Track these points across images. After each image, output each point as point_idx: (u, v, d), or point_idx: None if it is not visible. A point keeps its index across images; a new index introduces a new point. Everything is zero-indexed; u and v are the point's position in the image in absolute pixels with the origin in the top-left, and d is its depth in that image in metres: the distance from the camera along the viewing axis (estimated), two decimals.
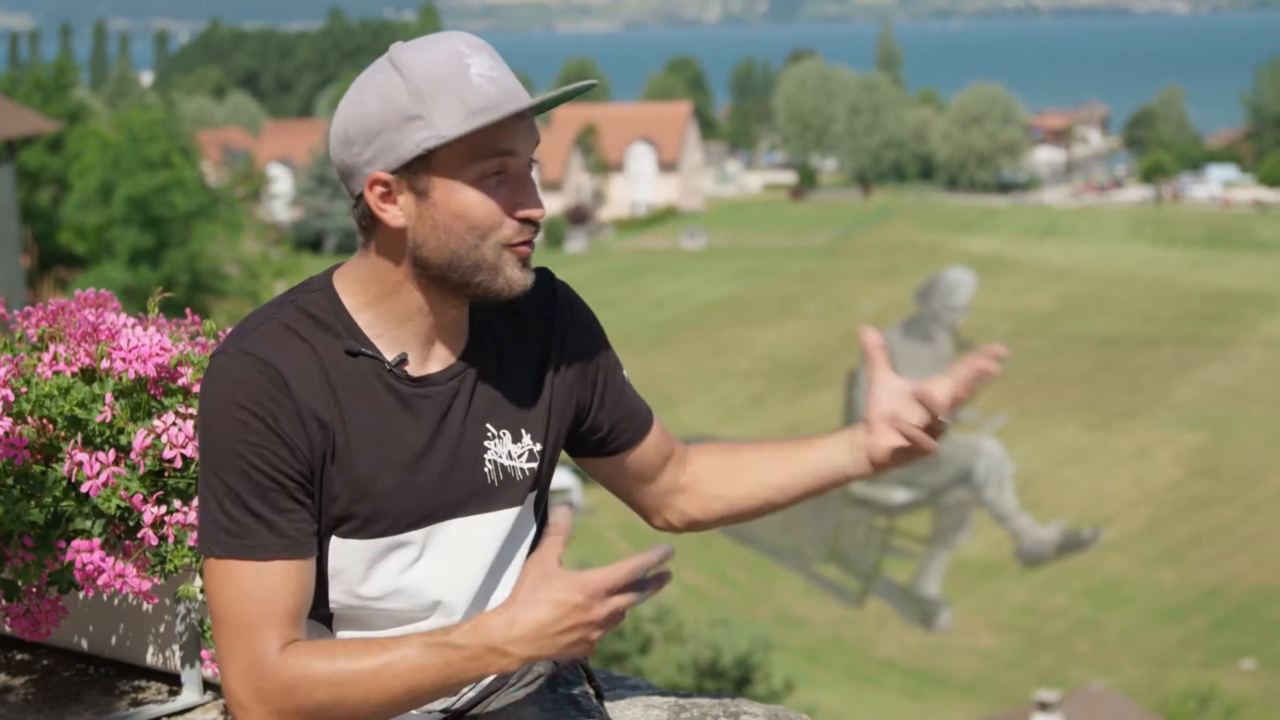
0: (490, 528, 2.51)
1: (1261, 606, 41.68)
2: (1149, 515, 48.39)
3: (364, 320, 2.45)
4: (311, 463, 2.38)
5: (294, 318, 2.42)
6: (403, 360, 2.44)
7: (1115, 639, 40.53)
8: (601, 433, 2.68)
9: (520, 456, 2.52)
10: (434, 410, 2.45)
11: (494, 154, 2.34)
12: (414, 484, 2.44)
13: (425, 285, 2.42)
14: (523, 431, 2.53)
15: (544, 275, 2.60)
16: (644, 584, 2.22)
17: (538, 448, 2.54)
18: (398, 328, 2.45)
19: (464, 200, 2.35)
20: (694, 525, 2.81)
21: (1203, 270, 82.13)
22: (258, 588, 2.32)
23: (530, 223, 2.37)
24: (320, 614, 2.49)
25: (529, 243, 2.38)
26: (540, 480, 2.57)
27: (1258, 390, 59.09)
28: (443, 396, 2.46)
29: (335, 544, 2.43)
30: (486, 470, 2.49)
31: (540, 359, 2.56)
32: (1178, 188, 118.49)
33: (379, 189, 2.39)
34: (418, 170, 2.36)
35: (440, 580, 2.48)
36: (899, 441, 2.62)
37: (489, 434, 2.50)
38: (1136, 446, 53.78)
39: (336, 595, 2.45)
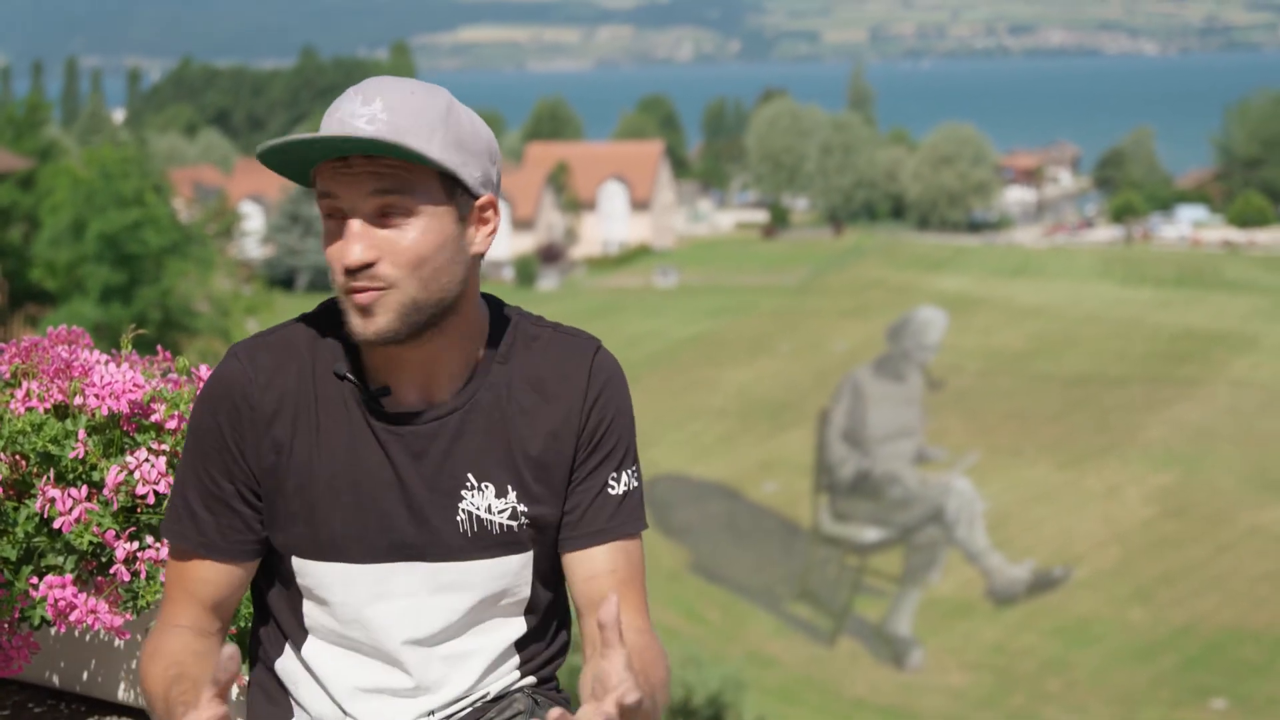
0: (460, 577, 2.50)
1: (1231, 645, 41.72)
2: (1119, 554, 48.44)
3: (363, 346, 2.48)
4: (260, 476, 2.45)
5: (301, 332, 2.50)
6: (383, 392, 2.45)
7: (1086, 678, 40.52)
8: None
9: (502, 513, 2.49)
10: (405, 449, 2.45)
11: (323, 196, 2.38)
12: (374, 517, 2.45)
13: None
14: (509, 489, 2.50)
15: (586, 345, 2.59)
16: None
17: (523, 508, 2.50)
18: (379, 357, 2.46)
19: (324, 239, 2.41)
20: None
21: (1172, 310, 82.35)
22: (177, 567, 2.51)
23: (350, 270, 2.35)
24: (298, 628, 2.53)
25: (354, 290, 2.36)
26: (525, 541, 2.53)
27: (1226, 430, 59.23)
28: (418, 437, 2.45)
29: (296, 563, 2.48)
30: (459, 519, 2.48)
31: (552, 426, 2.52)
32: (1148, 228, 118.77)
33: None
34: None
35: (399, 619, 2.48)
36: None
37: (468, 484, 2.48)
38: (1106, 485, 53.85)
39: (309, 611, 2.50)
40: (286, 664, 2.56)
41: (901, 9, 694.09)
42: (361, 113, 2.33)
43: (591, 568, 2.54)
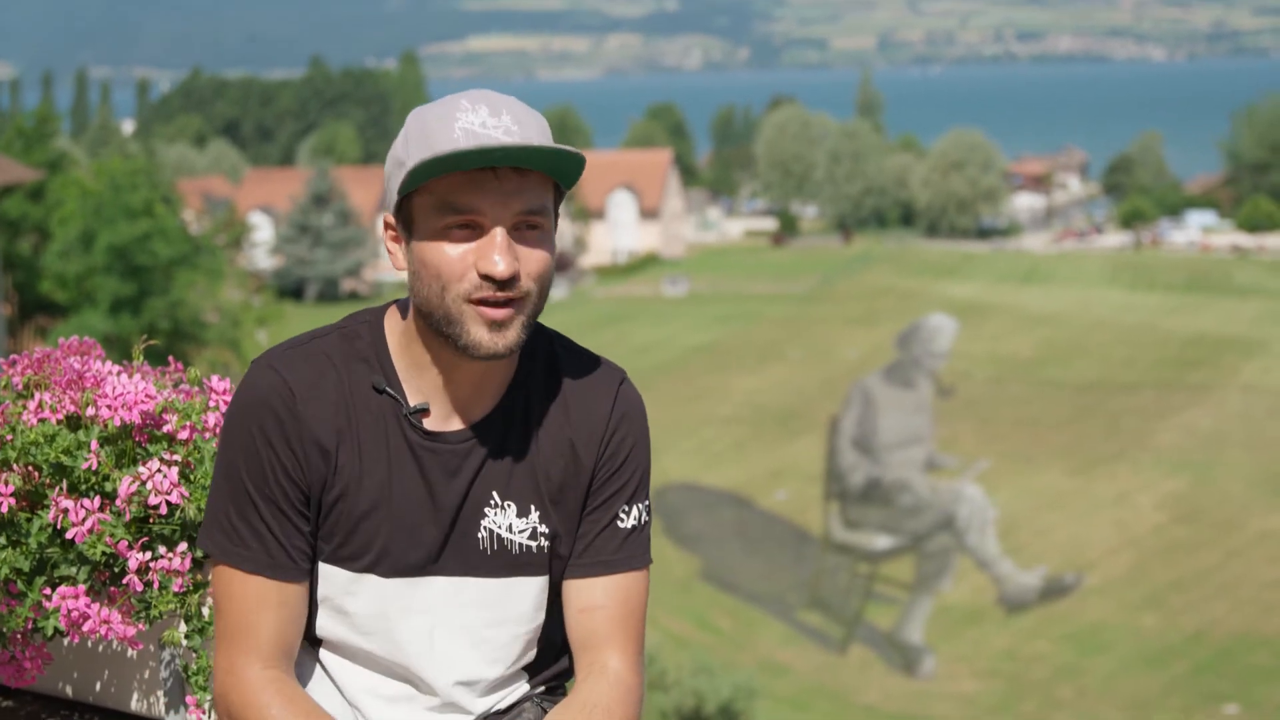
0: (479, 593, 2.51)
1: (1243, 651, 41.64)
2: (1130, 560, 48.37)
3: (399, 361, 2.49)
4: (308, 488, 2.44)
5: (335, 344, 2.49)
6: (422, 410, 2.46)
7: (1097, 685, 40.45)
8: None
9: (522, 532, 2.51)
10: (440, 466, 2.46)
11: (455, 209, 2.35)
12: (404, 533, 2.46)
13: (429, 335, 2.44)
14: (531, 509, 2.51)
15: (613, 375, 2.60)
16: None
17: (544, 529, 2.52)
18: (420, 376, 2.47)
19: (431, 248, 2.37)
20: None
21: (1182, 316, 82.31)
22: (243, 598, 2.44)
23: (491, 280, 2.34)
24: (310, 637, 2.53)
25: (492, 302, 2.35)
26: (543, 564, 2.54)
27: (1237, 435, 59.16)
28: (452, 455, 2.47)
29: (323, 568, 2.49)
30: (480, 536, 2.49)
31: (572, 450, 2.53)
32: (1157, 233, 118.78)
33: (389, 231, 2.46)
34: (406, 214, 2.41)
35: (419, 633, 2.50)
36: None
37: (492, 502, 2.49)
38: (1117, 491, 53.79)
39: (324, 620, 2.50)
40: (300, 669, 2.57)
41: (910, 15, 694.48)
42: (495, 124, 2.35)
43: (588, 600, 2.54)
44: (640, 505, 2.57)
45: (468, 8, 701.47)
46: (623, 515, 2.55)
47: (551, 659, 2.64)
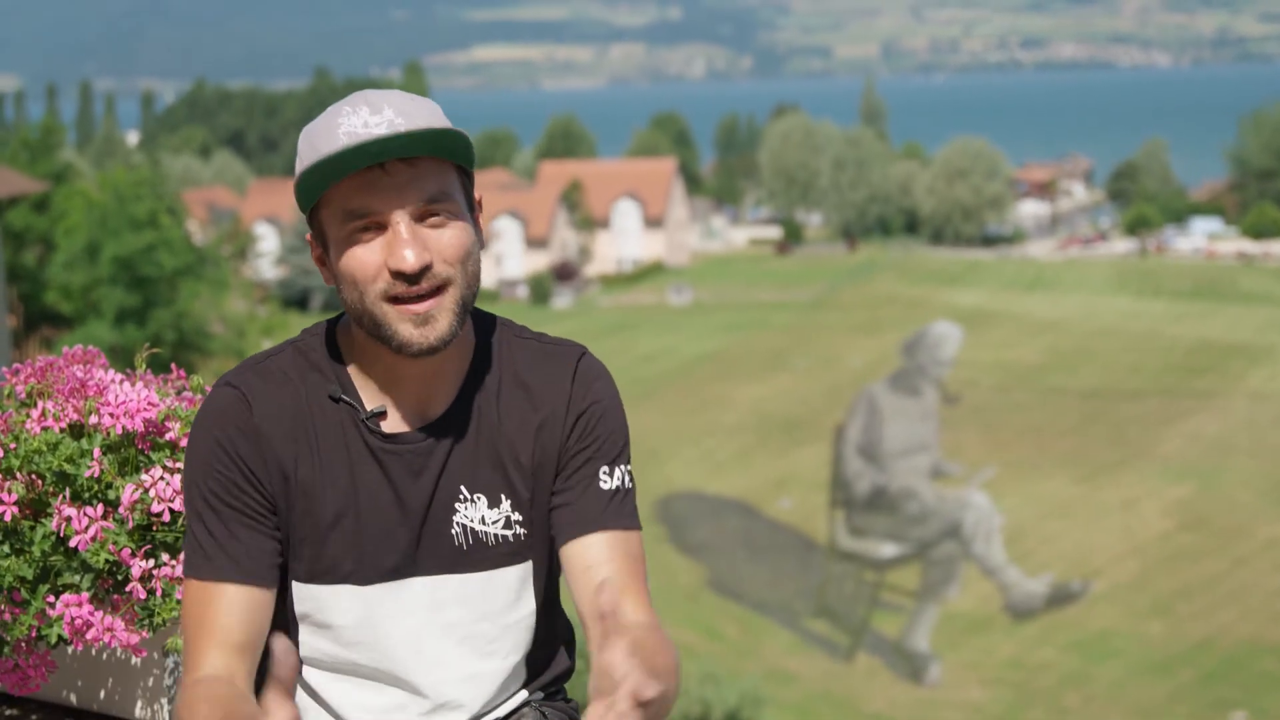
0: (458, 590, 2.49)
1: (1250, 659, 41.60)
2: (1137, 567, 48.33)
3: (353, 368, 2.48)
4: (273, 497, 2.42)
5: (290, 360, 2.48)
6: (380, 414, 2.45)
7: (1104, 692, 40.41)
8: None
9: (495, 523, 2.48)
10: (404, 467, 2.45)
11: (354, 214, 2.33)
12: (376, 539, 2.44)
13: (368, 340, 2.44)
14: (502, 498, 2.48)
15: (571, 351, 2.58)
16: None
17: (517, 516, 2.49)
18: (374, 381, 2.46)
19: (344, 256, 2.36)
20: None
21: (1188, 322, 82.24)
22: (201, 605, 2.37)
23: (403, 276, 2.32)
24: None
25: (408, 298, 2.33)
26: (523, 551, 2.52)
27: (1243, 442, 59.09)
28: (415, 455, 2.45)
29: (297, 588, 2.46)
30: (454, 533, 2.47)
31: (539, 432, 2.49)
32: (1162, 240, 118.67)
33: (314, 251, 2.45)
34: (319, 229, 2.41)
35: (405, 636, 2.48)
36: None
37: (461, 497, 2.47)
38: (1123, 499, 53.75)
39: (306, 638, 2.48)
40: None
41: (914, 23, 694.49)
42: (377, 121, 2.32)
43: (589, 558, 2.45)
44: (621, 468, 2.51)
45: (472, 18, 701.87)
46: (604, 477, 2.49)
47: (549, 656, 2.62)
